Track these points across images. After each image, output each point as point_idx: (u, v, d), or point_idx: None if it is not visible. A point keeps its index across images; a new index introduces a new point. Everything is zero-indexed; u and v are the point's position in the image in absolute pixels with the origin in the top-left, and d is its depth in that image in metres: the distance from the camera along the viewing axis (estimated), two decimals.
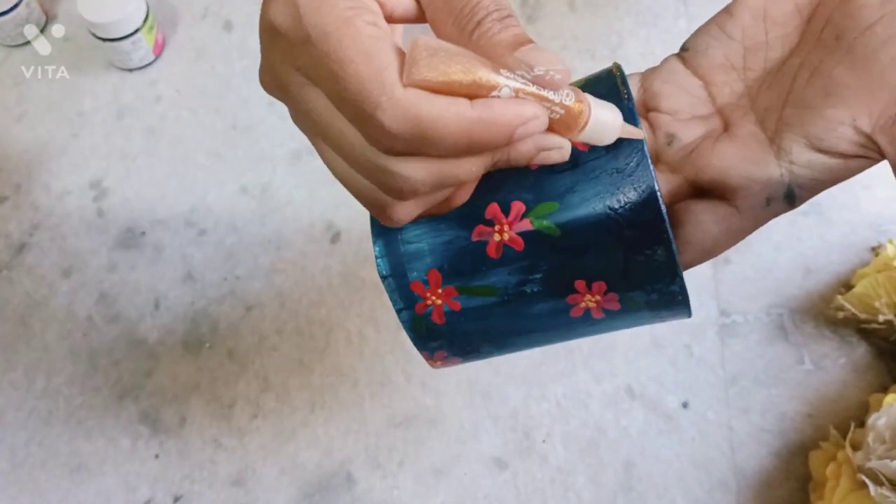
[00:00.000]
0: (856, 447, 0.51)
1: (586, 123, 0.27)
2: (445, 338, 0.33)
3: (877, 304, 0.55)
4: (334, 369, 0.59)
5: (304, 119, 0.28)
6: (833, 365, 0.58)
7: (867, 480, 0.48)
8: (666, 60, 0.35)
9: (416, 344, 0.34)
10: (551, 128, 0.26)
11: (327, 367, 0.59)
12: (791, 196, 0.31)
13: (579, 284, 0.31)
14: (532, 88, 0.25)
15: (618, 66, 0.33)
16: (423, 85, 0.25)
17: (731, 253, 0.61)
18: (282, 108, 0.76)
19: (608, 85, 0.32)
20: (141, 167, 0.65)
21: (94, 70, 0.69)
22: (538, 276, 0.32)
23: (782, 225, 0.62)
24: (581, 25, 0.69)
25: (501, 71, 0.25)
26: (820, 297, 0.60)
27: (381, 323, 0.60)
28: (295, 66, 0.26)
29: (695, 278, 0.61)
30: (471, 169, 0.26)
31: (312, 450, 0.57)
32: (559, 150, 0.27)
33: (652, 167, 0.30)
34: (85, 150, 0.66)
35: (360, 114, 0.25)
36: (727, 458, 0.56)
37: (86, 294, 0.61)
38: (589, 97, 0.27)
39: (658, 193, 0.30)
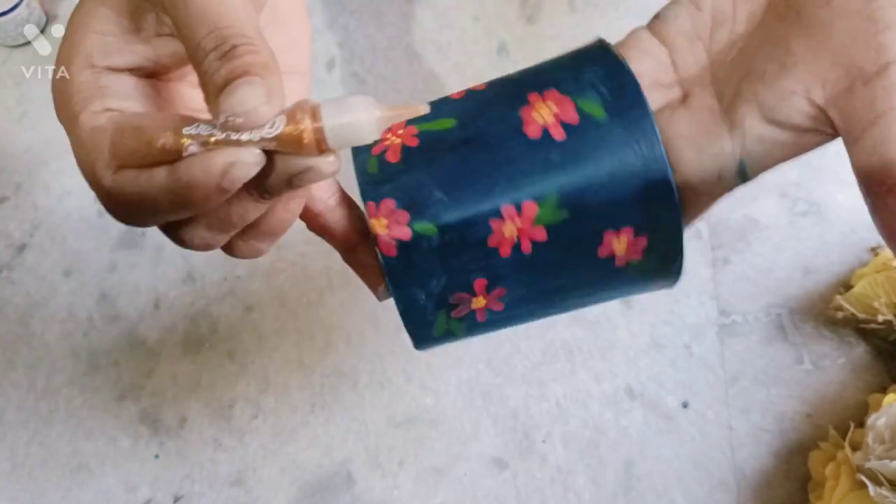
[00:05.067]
0: (855, 447, 0.51)
1: (320, 139, 0.25)
2: (396, 179, 0.31)
3: (876, 304, 0.55)
4: (334, 369, 0.59)
5: None
6: (832, 365, 0.58)
7: (866, 480, 0.48)
8: (632, 32, 0.35)
9: (363, 189, 0.31)
10: (291, 152, 0.25)
11: (327, 368, 0.59)
12: (743, 170, 0.31)
13: (532, 96, 0.31)
14: (221, 136, 0.24)
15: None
16: (127, 165, 0.26)
17: (730, 253, 0.61)
18: None
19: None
20: None
21: None
22: (496, 102, 0.32)
23: (781, 225, 0.62)
24: (581, 25, 0.69)
25: (190, 127, 0.24)
26: (819, 298, 0.60)
27: (381, 323, 0.60)
28: None
29: (694, 278, 0.61)
30: (242, 214, 0.27)
31: (312, 450, 0.57)
32: (310, 170, 0.25)
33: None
34: None
35: None
36: (727, 458, 0.56)
37: (86, 294, 0.61)
38: (324, 105, 0.25)
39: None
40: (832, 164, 0.63)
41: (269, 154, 0.25)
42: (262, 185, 0.26)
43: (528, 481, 0.56)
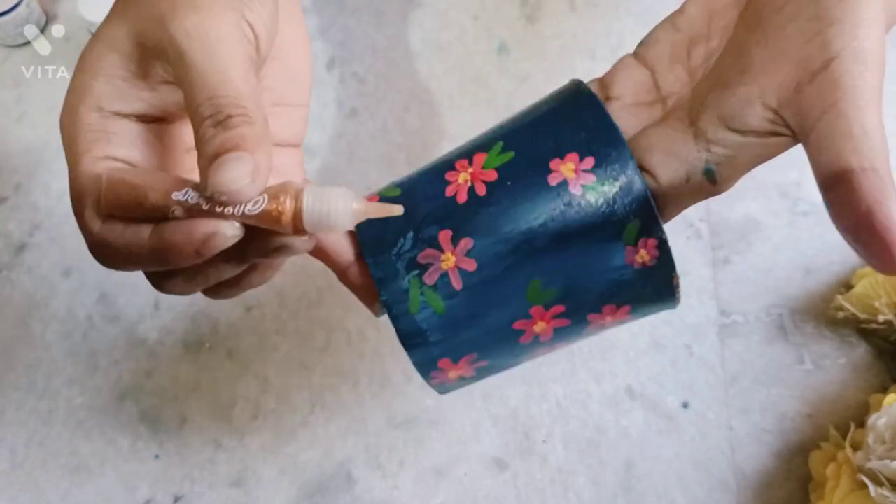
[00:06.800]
0: (856, 447, 0.51)
1: (298, 221, 0.27)
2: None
3: (877, 304, 0.55)
4: (334, 370, 0.59)
5: None
6: (833, 365, 0.58)
7: (867, 481, 0.48)
8: (620, 59, 0.37)
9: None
10: (270, 229, 0.27)
11: (327, 368, 0.59)
12: (710, 173, 0.31)
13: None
14: (205, 206, 0.26)
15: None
16: (116, 216, 0.27)
17: (731, 253, 0.61)
18: None
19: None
20: None
21: None
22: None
23: (782, 225, 0.62)
24: (581, 25, 0.69)
25: (179, 192, 0.26)
26: (820, 298, 0.60)
27: (381, 323, 0.60)
28: None
29: (694, 278, 0.61)
30: (218, 275, 0.30)
31: (312, 450, 0.57)
32: (284, 247, 0.28)
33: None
34: None
35: None
36: (727, 459, 0.56)
37: (86, 294, 0.61)
38: (307, 191, 0.27)
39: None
40: None
41: (250, 227, 0.27)
42: (240, 253, 0.28)
43: (528, 482, 0.56)
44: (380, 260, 0.33)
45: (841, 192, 0.27)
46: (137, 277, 0.62)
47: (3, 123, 0.67)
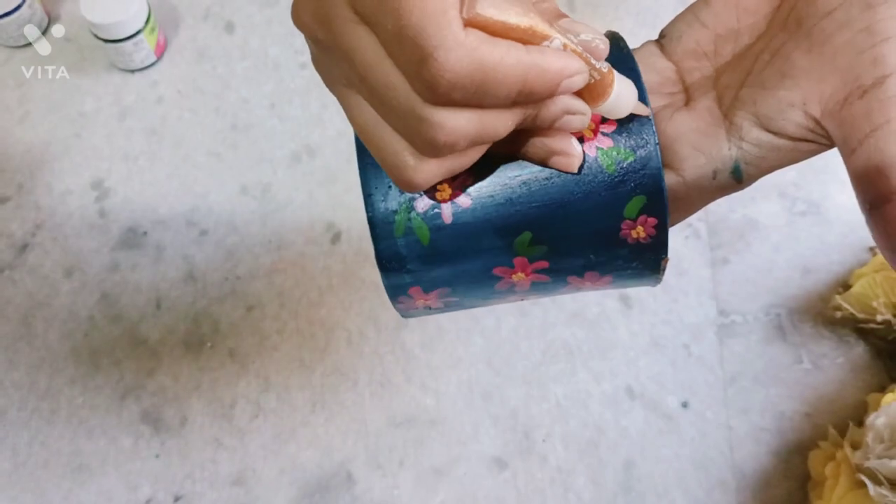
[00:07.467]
0: (854, 446, 0.51)
1: (609, 95, 0.27)
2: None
3: (875, 303, 0.55)
4: (334, 369, 0.59)
5: (339, 62, 0.27)
6: (831, 364, 0.58)
7: (866, 479, 0.48)
8: (643, 44, 0.36)
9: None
10: (577, 93, 0.27)
11: (328, 367, 0.59)
12: (738, 171, 0.31)
13: None
14: (578, 48, 0.26)
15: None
16: (481, 24, 0.25)
17: (729, 253, 0.61)
18: (282, 109, 0.76)
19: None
20: (142, 168, 0.65)
21: (95, 71, 0.69)
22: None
23: (781, 225, 0.62)
24: None
25: (553, 24, 0.26)
26: (818, 297, 0.60)
27: (381, 323, 0.60)
28: None
29: (694, 278, 0.61)
30: (507, 123, 0.27)
31: (312, 450, 0.57)
32: (582, 116, 0.28)
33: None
34: (87, 150, 0.66)
35: (418, 55, 0.24)
36: (726, 458, 0.56)
37: (87, 294, 0.61)
38: (617, 73, 0.28)
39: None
40: (831, 164, 0.63)
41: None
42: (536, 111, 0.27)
43: (528, 481, 0.56)
44: (373, 174, 0.31)
45: (890, 212, 0.26)
46: (137, 277, 0.62)
47: (5, 124, 0.67)
